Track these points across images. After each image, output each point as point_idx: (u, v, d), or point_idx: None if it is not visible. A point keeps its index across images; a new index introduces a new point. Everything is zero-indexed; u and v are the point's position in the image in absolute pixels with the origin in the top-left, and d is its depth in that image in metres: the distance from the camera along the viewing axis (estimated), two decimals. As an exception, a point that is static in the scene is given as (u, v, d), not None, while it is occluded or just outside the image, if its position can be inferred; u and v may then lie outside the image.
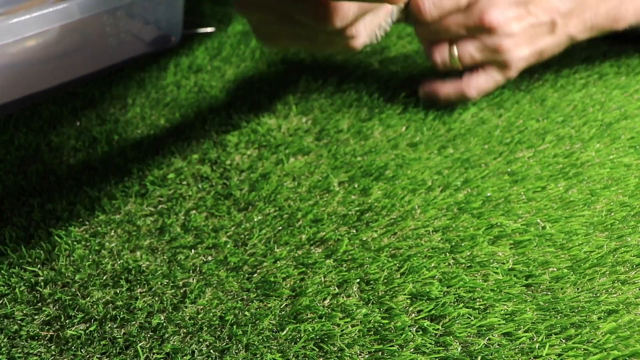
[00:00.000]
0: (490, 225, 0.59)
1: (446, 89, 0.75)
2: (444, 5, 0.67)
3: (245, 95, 0.81)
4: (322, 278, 0.54)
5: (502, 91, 0.83)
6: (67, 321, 0.49)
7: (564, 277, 0.54)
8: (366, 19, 0.61)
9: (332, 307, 0.51)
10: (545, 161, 0.69)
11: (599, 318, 0.50)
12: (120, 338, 0.48)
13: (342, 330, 0.49)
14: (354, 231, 0.59)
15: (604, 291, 0.53)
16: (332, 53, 0.82)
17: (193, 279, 0.53)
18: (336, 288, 0.53)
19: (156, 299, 0.51)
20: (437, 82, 0.75)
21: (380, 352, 0.48)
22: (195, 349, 0.47)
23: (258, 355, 0.47)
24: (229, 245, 0.57)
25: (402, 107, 0.78)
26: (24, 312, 0.50)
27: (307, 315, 0.50)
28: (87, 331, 0.48)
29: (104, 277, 0.53)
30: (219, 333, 0.49)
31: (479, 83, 0.73)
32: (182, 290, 0.52)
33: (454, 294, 0.52)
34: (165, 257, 0.55)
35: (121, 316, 0.50)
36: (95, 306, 0.51)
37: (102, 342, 0.48)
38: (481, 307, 0.51)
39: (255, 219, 0.59)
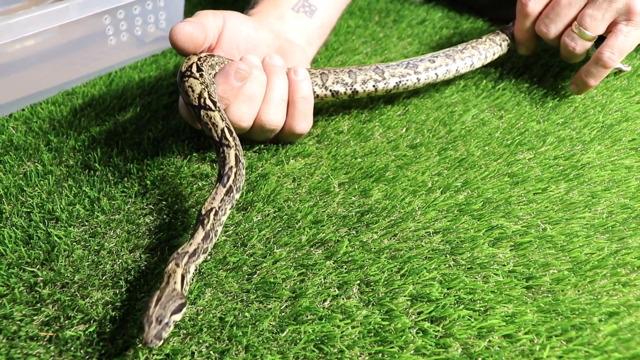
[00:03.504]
0: (491, 227, 0.59)
1: (586, 67, 0.77)
2: None
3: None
4: (322, 279, 0.53)
5: (503, 92, 0.82)
6: (67, 322, 0.49)
7: (565, 279, 0.54)
8: None
9: (332, 309, 0.51)
10: (545, 163, 0.69)
11: (600, 320, 0.50)
12: (120, 339, 0.48)
13: (342, 332, 0.49)
14: (354, 232, 0.58)
15: (604, 293, 0.53)
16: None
17: (192, 279, 0.53)
18: (336, 289, 0.53)
19: (155, 299, 0.51)
20: (579, 72, 0.79)
21: (380, 354, 0.47)
22: (195, 350, 0.47)
23: (258, 357, 0.47)
24: (228, 245, 0.56)
25: (403, 108, 0.78)
26: (23, 312, 0.50)
27: (307, 316, 0.50)
28: (86, 332, 0.48)
29: (103, 278, 0.53)
30: (218, 334, 0.49)
31: (610, 43, 0.74)
32: (181, 291, 0.52)
33: (454, 296, 0.52)
34: (164, 256, 0.55)
35: (121, 317, 0.49)
36: (94, 307, 0.50)
37: (101, 343, 0.48)
38: (481, 308, 0.51)
39: (255, 219, 0.59)
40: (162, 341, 0.43)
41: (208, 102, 0.58)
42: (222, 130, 0.57)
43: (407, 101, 0.80)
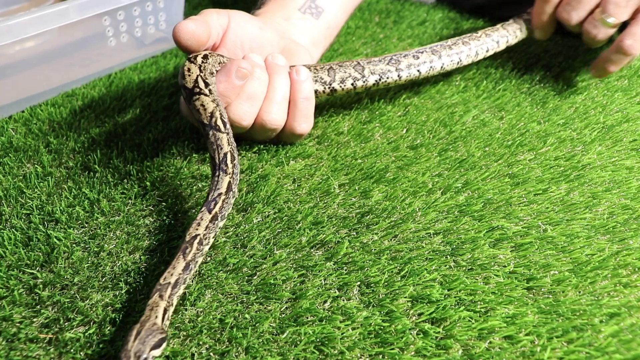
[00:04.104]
0: (491, 227, 0.59)
1: (606, 54, 0.77)
2: None
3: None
4: (323, 281, 0.53)
5: (504, 93, 0.82)
6: (66, 324, 0.49)
7: (566, 280, 0.54)
8: None
9: (332, 310, 0.51)
10: (546, 164, 0.69)
11: (601, 321, 0.50)
12: (120, 341, 0.48)
13: (342, 333, 0.49)
14: (355, 234, 0.58)
15: (605, 294, 0.53)
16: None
17: (192, 281, 0.53)
18: (336, 291, 0.53)
19: (155, 301, 0.51)
20: (600, 56, 0.79)
21: (380, 355, 0.47)
22: (195, 351, 0.47)
23: (258, 359, 0.47)
24: (228, 246, 0.56)
25: (403, 109, 0.78)
26: (23, 314, 0.50)
27: (307, 318, 0.50)
28: (86, 334, 0.48)
29: (103, 279, 0.53)
30: (218, 336, 0.48)
31: (632, 31, 0.74)
32: (181, 293, 0.52)
33: (455, 297, 0.52)
34: (164, 258, 0.55)
35: (120, 319, 0.49)
36: (94, 308, 0.50)
37: (101, 345, 0.47)
38: (482, 310, 0.51)
39: (255, 220, 0.59)
40: None
41: (219, 122, 0.58)
42: (225, 155, 0.57)
43: (407, 102, 0.79)
